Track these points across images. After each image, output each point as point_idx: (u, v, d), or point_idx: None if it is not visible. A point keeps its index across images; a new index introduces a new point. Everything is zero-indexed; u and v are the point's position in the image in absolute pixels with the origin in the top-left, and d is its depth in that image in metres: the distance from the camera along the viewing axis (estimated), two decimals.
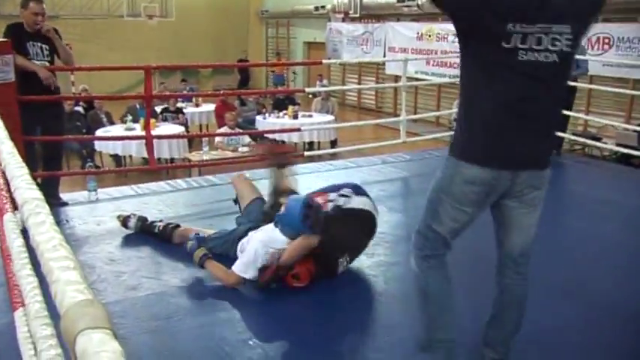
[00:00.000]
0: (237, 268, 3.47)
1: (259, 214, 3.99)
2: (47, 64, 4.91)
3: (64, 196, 5.36)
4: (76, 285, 0.66)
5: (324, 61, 11.18)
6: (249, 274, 3.46)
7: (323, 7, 17.74)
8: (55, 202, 5.14)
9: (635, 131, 8.78)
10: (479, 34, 2.25)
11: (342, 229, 3.67)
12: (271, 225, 3.62)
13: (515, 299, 2.63)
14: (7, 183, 3.04)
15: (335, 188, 3.99)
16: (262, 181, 5.97)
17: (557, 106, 2.48)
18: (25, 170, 1.28)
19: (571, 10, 2.24)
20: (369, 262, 3.97)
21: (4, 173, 3.00)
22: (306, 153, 7.71)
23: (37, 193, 1.07)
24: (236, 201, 4.34)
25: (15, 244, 1.58)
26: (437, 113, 12.49)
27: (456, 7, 2.30)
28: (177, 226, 4.19)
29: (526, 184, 2.37)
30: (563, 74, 2.36)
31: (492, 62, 2.24)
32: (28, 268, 1.41)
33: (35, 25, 4.84)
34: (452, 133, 4.02)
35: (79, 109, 11.28)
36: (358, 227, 3.84)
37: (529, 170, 2.35)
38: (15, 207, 2.60)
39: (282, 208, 3.54)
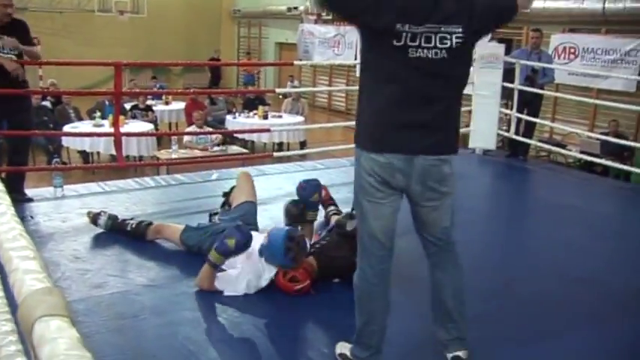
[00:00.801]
0: (218, 281, 3.45)
1: (249, 216, 3.99)
2: (14, 57, 4.81)
3: (29, 191, 5.27)
4: (35, 274, 0.66)
5: (295, 62, 11.19)
6: (227, 290, 3.44)
7: (296, 8, 17.75)
8: (19, 198, 5.05)
9: (598, 139, 8.95)
10: (371, 34, 2.42)
11: (331, 259, 3.65)
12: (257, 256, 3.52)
13: (446, 275, 2.70)
14: None
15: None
16: (231, 182, 6.01)
17: (450, 98, 2.53)
18: None
19: (464, 12, 2.38)
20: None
21: None
22: (275, 154, 7.70)
23: None
24: (226, 195, 4.32)
25: None
26: None
27: (337, 8, 2.52)
28: (151, 223, 4.15)
29: (423, 178, 2.45)
30: (455, 69, 2.47)
31: (385, 59, 2.40)
32: None
33: (4, 18, 4.75)
34: None
35: (47, 103, 11.12)
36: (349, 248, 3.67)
37: (423, 155, 2.42)
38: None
39: (265, 240, 3.46)
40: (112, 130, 8.20)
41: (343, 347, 2.81)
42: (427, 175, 2.46)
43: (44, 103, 10.97)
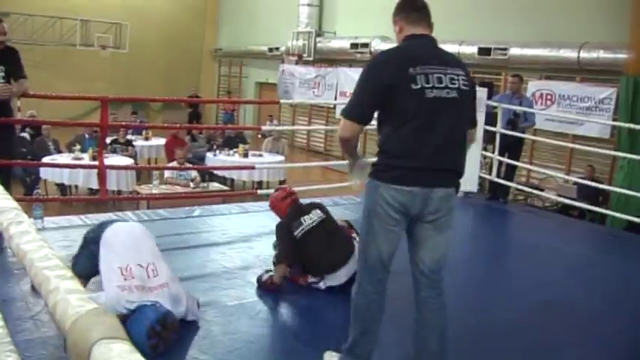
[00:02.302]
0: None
1: None
2: (1, 80, 4.74)
3: None
4: (79, 294, 0.60)
5: (281, 100, 11.20)
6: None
7: (277, 48, 17.87)
8: None
9: (575, 184, 9.04)
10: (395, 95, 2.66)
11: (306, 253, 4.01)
12: None
13: (433, 310, 2.83)
14: None
15: None
16: (215, 218, 5.93)
17: (462, 136, 2.79)
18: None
19: (460, 64, 2.80)
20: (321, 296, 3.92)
21: None
22: (259, 191, 7.64)
23: (14, 203, 0.99)
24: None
25: None
26: None
27: (372, 111, 2.75)
28: None
29: (436, 208, 2.68)
30: (465, 110, 2.76)
31: (405, 102, 2.63)
32: None
33: None
34: None
35: (26, 135, 10.97)
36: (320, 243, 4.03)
37: (438, 188, 2.66)
38: None
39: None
40: (92, 163, 8.10)
41: (331, 356, 2.99)
42: (441, 203, 2.68)
43: (23, 134, 10.81)
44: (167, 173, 8.94)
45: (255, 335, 3.47)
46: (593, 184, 8.20)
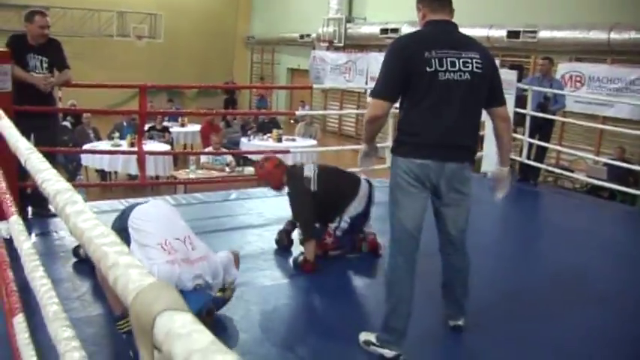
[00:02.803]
0: None
1: None
2: (47, 73, 4.82)
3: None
4: (139, 269, 0.60)
5: (314, 86, 11.18)
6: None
7: (308, 35, 17.82)
8: (44, 213, 5.01)
9: (605, 165, 8.87)
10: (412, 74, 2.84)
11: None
12: None
13: (457, 267, 3.18)
14: (11, 186, 2.95)
15: None
16: (251, 201, 5.96)
17: (475, 114, 2.99)
18: (48, 164, 1.22)
19: (478, 47, 2.96)
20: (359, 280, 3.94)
21: (5, 178, 2.91)
22: None
23: (68, 184, 1.01)
24: None
25: (24, 246, 1.50)
26: None
27: (397, 90, 2.90)
28: None
29: (450, 181, 2.91)
30: (478, 92, 2.90)
31: (420, 84, 2.82)
32: (41, 270, 1.34)
33: (41, 38, 4.77)
34: None
35: (67, 123, 11.13)
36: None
37: (450, 163, 2.88)
38: (19, 210, 2.52)
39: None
40: (130, 149, 8.19)
41: (367, 335, 3.06)
42: (455, 175, 2.92)
43: (64, 123, 10.98)
44: (203, 158, 9.00)
45: (292, 315, 3.50)
46: (624, 164, 8.05)
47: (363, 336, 3.07)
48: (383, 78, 2.89)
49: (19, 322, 2.00)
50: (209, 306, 3.05)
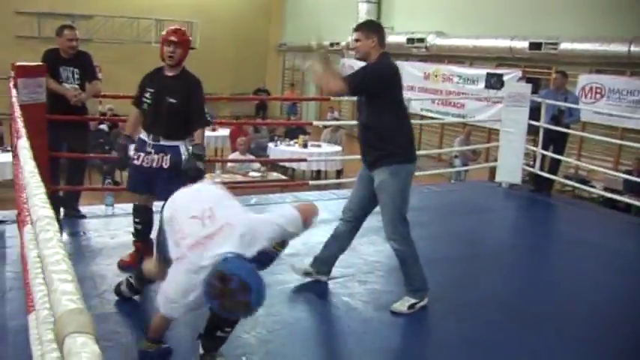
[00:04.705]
0: None
1: None
2: (77, 86, 5.04)
3: (84, 208, 5.45)
4: (70, 295, 0.75)
5: (332, 97, 11.28)
6: None
7: (338, 43, 17.94)
8: (74, 214, 5.25)
9: (626, 172, 8.82)
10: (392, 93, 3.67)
11: None
12: None
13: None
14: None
15: None
16: (269, 206, 6.10)
17: None
18: (42, 189, 1.37)
19: None
20: (360, 289, 4.04)
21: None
22: (311, 182, 7.78)
23: (49, 212, 1.16)
24: None
25: (31, 254, 1.66)
26: (440, 150, 12.64)
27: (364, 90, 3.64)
28: None
29: None
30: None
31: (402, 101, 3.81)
32: (40, 277, 1.50)
33: (70, 50, 5.00)
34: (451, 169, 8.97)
35: (104, 127, 11.44)
36: None
37: None
38: (54, 212, 2.69)
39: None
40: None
41: (401, 303, 3.67)
42: None
43: (101, 126, 11.29)
44: (230, 163, 9.21)
45: (296, 318, 3.62)
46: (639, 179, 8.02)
47: (399, 306, 3.66)
48: (364, 77, 3.56)
49: (32, 320, 2.16)
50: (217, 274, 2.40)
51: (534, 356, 3.30)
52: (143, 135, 4.06)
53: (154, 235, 4.19)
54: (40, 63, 4.83)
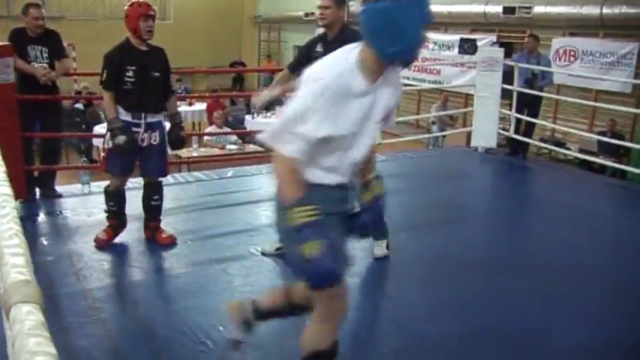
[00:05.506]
0: None
1: None
2: (46, 65, 4.97)
3: (60, 188, 5.43)
4: (20, 268, 0.77)
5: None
6: None
7: (312, 13, 17.80)
8: (50, 194, 5.24)
9: (599, 134, 8.94)
10: None
11: None
12: None
13: None
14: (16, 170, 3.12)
15: None
16: (246, 178, 6.12)
17: None
18: (3, 168, 1.38)
19: None
20: None
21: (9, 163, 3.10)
22: None
23: (7, 190, 1.17)
24: None
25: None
26: (417, 117, 12.70)
27: None
28: None
29: None
30: None
31: None
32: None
33: (37, 29, 4.92)
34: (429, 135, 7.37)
35: (79, 106, 11.33)
36: None
37: None
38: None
39: None
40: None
41: (379, 249, 3.82)
42: None
43: (77, 105, 11.18)
44: (207, 136, 9.18)
45: (272, 286, 3.66)
46: (613, 140, 8.14)
47: (379, 250, 3.87)
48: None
49: None
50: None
51: (512, 317, 3.35)
52: (125, 116, 3.97)
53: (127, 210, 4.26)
54: (7, 43, 4.77)
